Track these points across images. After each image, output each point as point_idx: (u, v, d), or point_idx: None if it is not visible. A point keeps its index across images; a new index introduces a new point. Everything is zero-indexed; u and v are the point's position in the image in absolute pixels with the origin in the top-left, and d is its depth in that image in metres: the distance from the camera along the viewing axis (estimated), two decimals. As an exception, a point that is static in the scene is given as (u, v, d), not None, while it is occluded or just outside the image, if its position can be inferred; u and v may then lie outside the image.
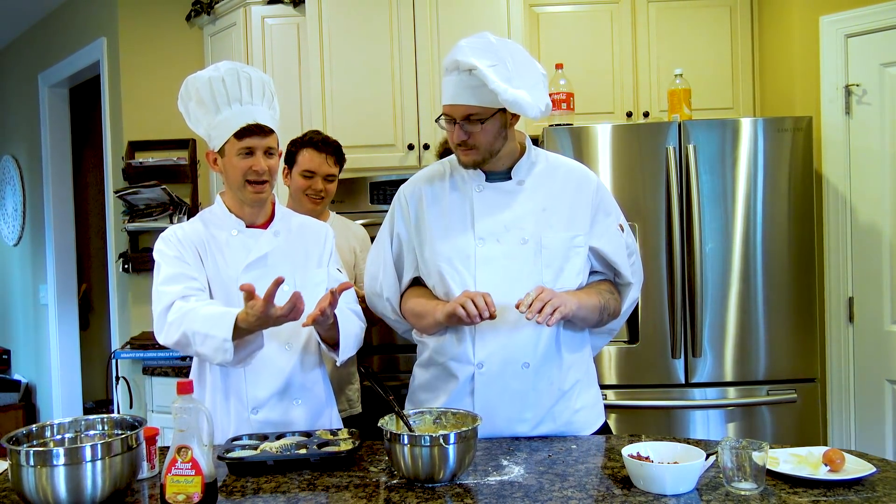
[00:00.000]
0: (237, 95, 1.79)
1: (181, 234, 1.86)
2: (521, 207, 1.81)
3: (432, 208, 1.86)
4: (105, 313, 4.41)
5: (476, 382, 1.78)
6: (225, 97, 1.78)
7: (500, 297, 1.69)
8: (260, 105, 1.81)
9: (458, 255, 1.80)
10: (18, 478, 1.32)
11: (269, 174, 1.81)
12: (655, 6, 3.29)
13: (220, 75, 1.79)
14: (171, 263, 1.81)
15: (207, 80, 1.79)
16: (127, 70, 3.78)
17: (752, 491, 1.36)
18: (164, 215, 3.63)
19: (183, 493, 1.33)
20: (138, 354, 3.42)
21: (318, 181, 2.41)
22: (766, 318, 2.80)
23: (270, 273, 1.78)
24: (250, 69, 1.84)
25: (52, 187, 4.59)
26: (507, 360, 1.76)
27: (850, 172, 2.89)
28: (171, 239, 1.85)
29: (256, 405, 1.83)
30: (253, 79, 1.81)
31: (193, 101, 1.83)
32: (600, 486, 1.43)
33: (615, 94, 3.30)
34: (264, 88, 1.83)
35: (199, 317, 1.68)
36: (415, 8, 3.07)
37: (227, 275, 1.83)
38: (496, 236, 1.79)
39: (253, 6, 3.33)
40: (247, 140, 1.78)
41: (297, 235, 1.93)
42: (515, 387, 1.77)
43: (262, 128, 1.79)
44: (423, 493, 1.42)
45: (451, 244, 1.81)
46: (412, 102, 3.07)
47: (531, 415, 1.79)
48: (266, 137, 1.80)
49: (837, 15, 2.90)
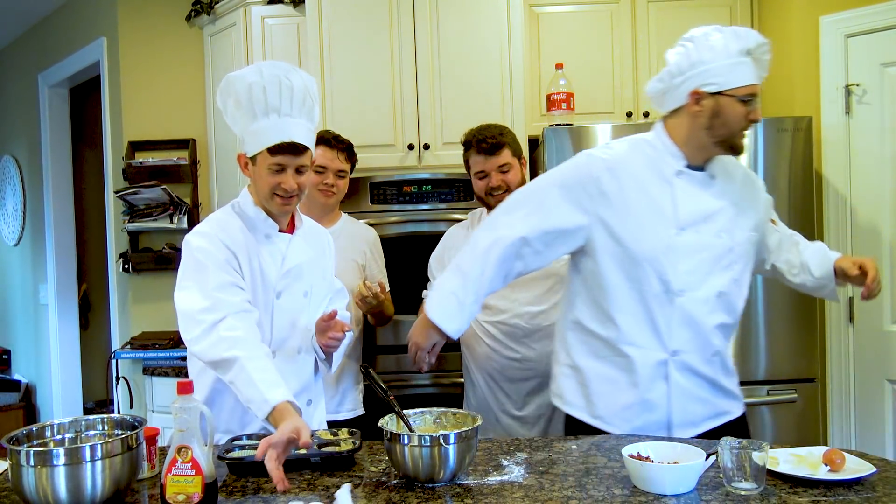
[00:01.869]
0: (276, 106, 1.72)
1: (224, 237, 1.77)
2: (716, 201, 1.81)
3: (632, 187, 1.79)
4: (105, 313, 4.41)
5: (670, 370, 1.79)
6: (264, 106, 1.72)
7: (693, 289, 1.74)
8: (299, 117, 1.75)
9: (658, 241, 1.76)
10: (18, 478, 1.32)
11: (298, 190, 1.78)
12: (655, 6, 3.29)
13: (263, 82, 1.72)
14: (223, 267, 1.72)
15: (249, 85, 1.72)
16: (127, 70, 3.78)
17: (752, 491, 1.36)
18: (164, 215, 3.62)
19: (183, 493, 1.33)
20: (138, 354, 3.43)
21: (329, 175, 2.42)
22: (766, 318, 2.80)
23: (301, 281, 1.86)
24: (295, 75, 1.76)
25: (52, 187, 4.59)
26: (702, 347, 1.80)
27: (850, 172, 2.89)
28: (215, 238, 1.76)
29: None
30: (295, 88, 1.74)
31: (232, 101, 1.77)
32: (600, 486, 1.43)
33: (615, 94, 3.30)
34: (305, 97, 1.76)
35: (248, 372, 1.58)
36: (415, 8, 3.06)
37: (263, 280, 1.80)
38: (696, 226, 1.78)
39: (253, 6, 3.33)
40: (279, 157, 1.73)
41: (313, 242, 1.94)
42: (708, 374, 1.81)
43: (297, 146, 1.73)
44: (423, 493, 1.42)
45: (651, 229, 1.77)
46: (412, 102, 3.07)
47: (722, 403, 1.85)
48: (299, 156, 1.75)
49: (837, 15, 2.90)
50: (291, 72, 1.76)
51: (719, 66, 1.72)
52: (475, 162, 2.28)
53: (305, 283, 1.88)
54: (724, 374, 1.86)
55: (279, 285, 1.82)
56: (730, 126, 1.74)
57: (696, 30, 1.80)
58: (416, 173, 3.03)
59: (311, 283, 1.90)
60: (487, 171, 2.25)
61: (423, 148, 3.07)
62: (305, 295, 1.88)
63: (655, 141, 1.83)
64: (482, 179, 2.27)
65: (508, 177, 2.24)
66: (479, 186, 2.28)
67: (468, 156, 2.31)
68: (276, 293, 1.82)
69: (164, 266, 3.67)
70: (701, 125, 1.75)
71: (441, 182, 2.99)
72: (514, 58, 3.05)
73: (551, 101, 3.02)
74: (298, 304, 1.86)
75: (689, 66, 1.75)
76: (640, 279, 1.77)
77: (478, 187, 2.29)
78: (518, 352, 2.24)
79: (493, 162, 2.24)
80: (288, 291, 1.84)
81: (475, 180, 2.30)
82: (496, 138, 2.24)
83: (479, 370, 2.30)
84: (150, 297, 3.78)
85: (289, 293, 1.84)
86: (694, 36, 1.79)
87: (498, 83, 3.05)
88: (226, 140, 3.52)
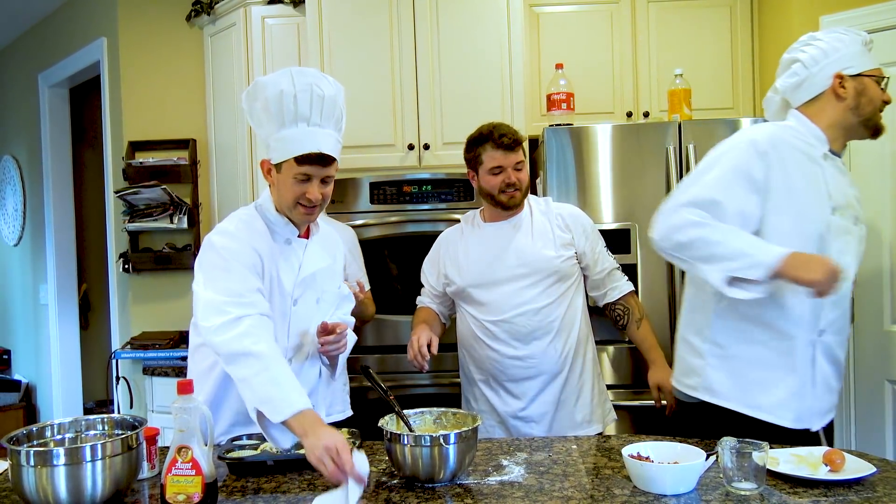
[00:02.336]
0: (306, 115, 1.70)
1: (251, 240, 1.74)
2: (852, 188, 1.92)
3: (793, 166, 1.83)
4: (105, 313, 4.41)
5: (816, 353, 1.82)
6: (293, 115, 1.70)
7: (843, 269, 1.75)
8: (328, 127, 1.74)
9: (820, 220, 1.82)
10: (18, 478, 1.32)
11: (322, 200, 1.77)
12: (655, 6, 3.29)
13: (294, 91, 1.69)
14: (250, 270, 1.70)
15: (280, 92, 1.69)
16: (127, 70, 3.78)
17: (752, 491, 1.36)
18: (165, 215, 3.62)
19: (183, 493, 1.33)
20: (138, 354, 3.43)
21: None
22: (766, 318, 2.80)
23: (314, 289, 1.86)
24: (325, 84, 1.73)
25: (52, 187, 4.59)
26: (841, 329, 1.86)
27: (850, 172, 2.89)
28: (244, 241, 1.73)
29: None
30: (326, 98, 1.72)
31: (259, 105, 1.75)
32: (600, 486, 1.43)
33: (615, 94, 3.30)
34: (335, 107, 1.75)
35: (272, 371, 1.55)
36: (415, 8, 3.06)
37: (280, 286, 1.79)
38: (841, 209, 1.85)
39: (253, 6, 3.33)
40: (306, 167, 1.71)
41: (325, 246, 1.94)
42: (840, 361, 1.87)
43: (325, 157, 1.72)
44: (423, 493, 1.42)
45: (813, 208, 1.82)
46: (412, 102, 3.07)
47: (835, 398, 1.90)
48: (326, 167, 1.74)
49: (837, 15, 2.89)
50: (322, 80, 1.74)
51: (852, 52, 1.86)
52: (491, 157, 2.19)
53: (318, 290, 1.88)
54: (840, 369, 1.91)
55: (296, 293, 1.81)
56: (875, 103, 1.86)
57: (814, 33, 1.94)
58: (416, 173, 3.03)
59: (323, 289, 1.90)
60: (505, 166, 2.18)
61: (423, 148, 3.07)
62: (318, 302, 1.88)
63: (798, 126, 1.90)
64: (497, 175, 2.19)
65: (522, 175, 2.21)
66: (493, 183, 2.20)
67: (481, 150, 2.22)
68: (293, 300, 1.81)
69: (165, 266, 3.67)
70: (847, 106, 1.86)
71: (441, 182, 2.99)
72: (514, 58, 3.05)
73: (551, 101, 3.02)
74: (311, 311, 1.86)
75: (824, 55, 1.86)
76: None
77: (491, 183, 2.21)
78: (521, 350, 2.21)
79: (512, 158, 2.19)
80: (303, 299, 1.84)
81: (487, 176, 2.21)
82: (516, 135, 2.21)
83: (480, 371, 2.28)
84: (151, 297, 3.78)
85: (303, 300, 1.84)
86: (816, 35, 1.92)
87: (498, 83, 3.05)
88: (226, 140, 3.52)
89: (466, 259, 2.26)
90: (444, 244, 2.37)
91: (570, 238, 2.24)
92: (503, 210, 2.24)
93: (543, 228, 2.24)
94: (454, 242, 2.33)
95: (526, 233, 2.24)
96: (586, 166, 2.82)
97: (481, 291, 2.22)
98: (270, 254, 1.76)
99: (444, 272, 2.31)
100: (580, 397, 2.21)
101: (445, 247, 2.35)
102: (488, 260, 2.23)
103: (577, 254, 2.25)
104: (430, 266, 2.39)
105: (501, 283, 2.20)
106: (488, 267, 2.22)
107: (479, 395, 2.29)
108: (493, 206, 2.25)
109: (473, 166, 2.26)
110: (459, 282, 2.25)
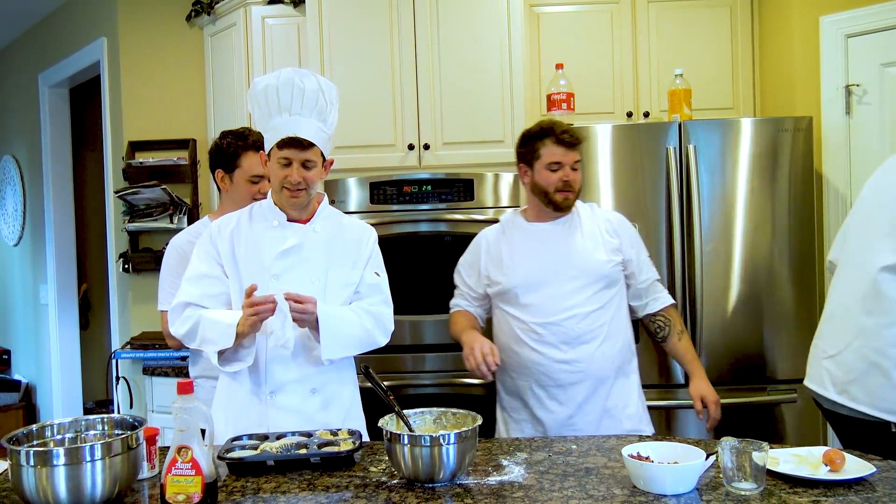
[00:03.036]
0: (288, 105, 1.84)
1: (219, 226, 1.98)
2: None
3: None
4: (105, 313, 4.41)
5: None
6: (277, 105, 1.85)
7: None
8: (309, 117, 1.86)
9: None
10: (18, 478, 1.32)
11: (305, 184, 1.88)
12: (655, 6, 3.29)
13: (277, 84, 1.85)
14: (203, 258, 1.96)
15: (265, 87, 1.86)
16: (127, 70, 3.78)
17: (752, 491, 1.36)
18: (164, 215, 3.62)
19: (183, 493, 1.33)
20: (138, 354, 3.42)
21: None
22: (766, 318, 2.80)
23: (303, 263, 1.92)
24: (310, 79, 1.87)
25: (52, 187, 4.59)
26: None
27: (850, 172, 2.89)
28: (213, 230, 1.98)
29: (275, 388, 1.88)
30: (307, 90, 1.85)
31: (253, 104, 1.91)
32: (600, 486, 1.43)
33: (615, 94, 3.30)
34: (318, 98, 1.86)
35: (207, 317, 1.87)
36: (415, 7, 3.06)
37: (259, 263, 1.92)
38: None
39: (253, 6, 3.33)
40: (286, 151, 1.85)
41: (337, 233, 1.99)
42: None
43: (301, 141, 1.84)
44: (423, 493, 1.42)
45: None
46: (412, 102, 3.07)
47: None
48: (304, 151, 1.85)
49: (837, 15, 2.90)
50: (307, 76, 1.88)
51: None
52: (552, 152, 2.12)
53: (315, 269, 1.92)
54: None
55: (274, 267, 1.90)
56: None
57: None
58: (416, 173, 3.03)
59: (324, 269, 1.93)
60: (564, 163, 2.12)
61: (423, 148, 3.07)
62: (314, 281, 1.90)
63: None
64: (555, 172, 2.12)
65: (578, 176, 2.16)
66: (551, 179, 2.13)
67: (540, 145, 2.15)
68: (272, 275, 1.89)
69: (164, 266, 3.67)
70: None
71: (441, 182, 2.99)
72: (514, 58, 3.04)
73: (551, 101, 3.02)
74: (305, 289, 1.87)
75: None
76: None
77: (548, 180, 2.13)
78: (569, 353, 2.11)
79: (571, 156, 2.13)
80: (290, 274, 1.90)
81: (545, 172, 2.14)
82: (577, 133, 2.16)
83: (523, 376, 2.15)
84: (151, 297, 3.76)
85: (291, 276, 1.89)
86: None
87: (498, 83, 3.05)
88: (226, 140, 3.52)
89: (511, 259, 2.19)
90: (484, 244, 2.28)
91: (618, 244, 2.19)
92: (554, 210, 2.17)
93: (593, 232, 2.19)
94: (496, 242, 2.26)
95: (578, 235, 2.18)
96: (586, 166, 2.82)
97: (528, 292, 2.14)
98: (242, 234, 1.95)
99: (486, 273, 2.24)
100: (627, 406, 2.15)
101: (486, 247, 2.27)
102: (537, 260, 2.16)
103: (624, 261, 2.19)
104: (468, 268, 2.31)
105: (550, 284, 2.13)
106: (538, 267, 2.15)
107: (518, 406, 2.20)
108: (545, 205, 2.17)
109: (528, 161, 2.18)
110: (505, 282, 2.17)
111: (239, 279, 1.92)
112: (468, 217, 2.73)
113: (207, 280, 1.93)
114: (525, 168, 2.21)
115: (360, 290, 1.99)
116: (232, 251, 1.94)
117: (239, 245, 1.94)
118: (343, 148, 3.04)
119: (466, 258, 2.33)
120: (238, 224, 1.98)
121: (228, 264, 1.94)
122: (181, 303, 1.93)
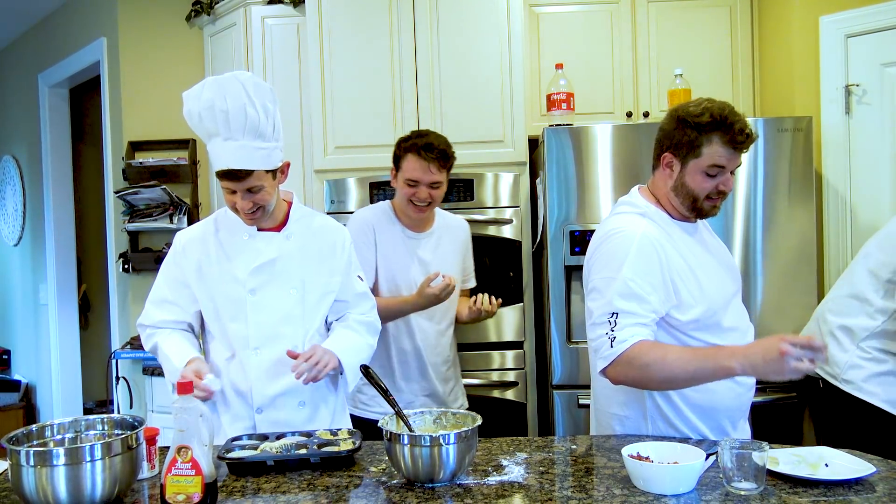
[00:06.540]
0: (215, 130, 1.72)
1: (186, 241, 1.91)
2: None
3: None
4: (105, 313, 4.41)
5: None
6: (205, 132, 1.75)
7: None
8: (241, 139, 1.70)
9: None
10: (18, 478, 1.32)
11: (256, 206, 1.79)
12: (655, 6, 3.29)
13: (199, 110, 1.71)
14: (167, 282, 1.93)
15: (188, 111, 1.75)
16: (127, 70, 3.78)
17: (752, 491, 1.36)
18: (164, 215, 3.62)
19: (183, 493, 1.33)
20: (138, 354, 3.42)
21: (422, 189, 2.29)
22: (766, 318, 2.80)
23: (279, 276, 1.86)
24: (233, 96, 1.68)
25: (52, 187, 4.59)
26: None
27: (850, 172, 2.89)
28: (178, 248, 1.91)
29: (262, 404, 1.86)
30: (231, 111, 1.68)
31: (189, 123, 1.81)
32: (600, 486, 1.43)
33: (615, 94, 3.30)
34: (246, 118, 1.69)
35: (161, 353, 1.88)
36: (415, 8, 3.06)
37: (233, 277, 1.86)
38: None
39: (253, 6, 3.33)
40: (225, 182, 1.77)
41: (312, 239, 1.93)
42: None
43: (236, 173, 1.73)
44: (422, 493, 1.41)
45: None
46: (412, 102, 3.06)
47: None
48: (243, 181, 1.74)
49: (837, 15, 2.90)
50: (230, 92, 1.68)
51: None
52: (717, 154, 1.68)
53: (292, 280, 1.88)
54: None
55: (251, 282, 1.85)
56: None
57: None
58: (416, 173, 3.02)
59: (301, 278, 1.89)
60: (729, 169, 1.71)
61: (423, 148, 3.06)
62: (293, 291, 1.88)
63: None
64: (714, 177, 1.71)
65: (731, 184, 1.76)
66: (706, 186, 1.71)
67: (704, 140, 1.69)
68: (248, 290, 1.85)
69: (164, 266, 3.67)
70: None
71: (441, 182, 2.98)
72: (514, 58, 3.04)
73: (551, 101, 3.02)
74: (284, 301, 1.86)
75: None
76: None
77: (702, 185, 1.71)
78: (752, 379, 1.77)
79: (736, 160, 1.72)
80: (267, 288, 1.85)
81: (699, 176, 1.71)
82: (752, 131, 1.71)
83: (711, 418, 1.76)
84: (150, 297, 3.77)
85: (268, 289, 1.85)
86: None
87: (498, 83, 3.05)
88: (226, 140, 3.52)
89: (694, 269, 1.72)
90: (649, 244, 1.69)
91: None
92: (696, 217, 1.80)
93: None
94: (660, 244, 1.70)
95: (718, 242, 1.89)
96: (586, 166, 2.82)
97: (726, 314, 1.74)
98: (210, 251, 1.87)
99: (673, 288, 1.68)
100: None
101: (659, 248, 1.69)
102: (714, 267, 1.77)
103: None
104: (649, 278, 1.66)
105: (735, 297, 1.81)
106: (722, 278, 1.78)
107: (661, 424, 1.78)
108: (690, 210, 1.76)
109: (681, 153, 1.72)
110: (705, 305, 1.70)
111: (212, 296, 1.87)
112: (468, 217, 2.72)
113: (169, 306, 1.91)
114: (671, 159, 1.74)
115: (347, 298, 1.97)
116: (199, 268, 1.87)
117: (209, 260, 1.87)
118: (343, 148, 3.04)
119: (644, 265, 1.66)
120: (203, 238, 1.90)
121: (196, 282, 1.88)
122: (144, 324, 1.94)
